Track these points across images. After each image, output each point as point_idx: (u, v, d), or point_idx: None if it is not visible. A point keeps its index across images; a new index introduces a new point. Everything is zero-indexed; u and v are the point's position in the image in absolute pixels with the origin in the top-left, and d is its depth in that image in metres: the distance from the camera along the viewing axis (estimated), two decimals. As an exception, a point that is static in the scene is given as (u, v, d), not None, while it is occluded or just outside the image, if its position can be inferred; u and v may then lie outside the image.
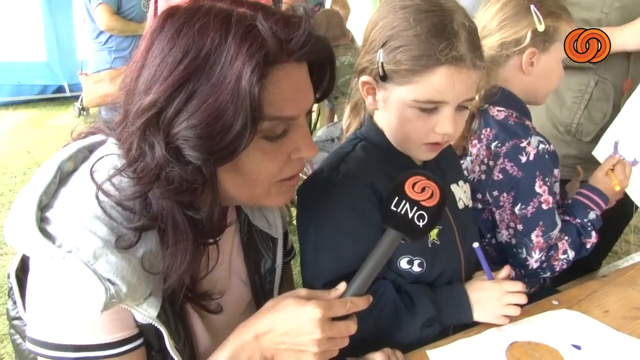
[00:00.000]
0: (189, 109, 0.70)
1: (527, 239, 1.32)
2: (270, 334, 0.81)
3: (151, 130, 0.72)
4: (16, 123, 5.82)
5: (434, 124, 1.00)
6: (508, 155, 1.32)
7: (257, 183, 0.82)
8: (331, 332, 0.80)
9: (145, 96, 0.72)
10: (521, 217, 1.32)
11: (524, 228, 1.33)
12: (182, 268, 0.78)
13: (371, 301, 0.87)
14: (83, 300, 0.75)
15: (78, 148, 0.85)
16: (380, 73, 1.00)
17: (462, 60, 0.95)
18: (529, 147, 1.30)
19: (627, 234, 3.63)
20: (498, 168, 1.33)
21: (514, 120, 1.36)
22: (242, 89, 0.69)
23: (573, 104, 1.83)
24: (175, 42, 0.71)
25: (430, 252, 1.08)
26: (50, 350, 0.77)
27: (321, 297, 0.83)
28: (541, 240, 1.32)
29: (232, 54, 0.69)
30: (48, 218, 0.74)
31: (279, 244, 1.03)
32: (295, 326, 0.79)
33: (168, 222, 0.77)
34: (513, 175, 1.31)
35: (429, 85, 0.96)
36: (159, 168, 0.73)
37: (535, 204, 1.30)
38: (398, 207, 0.82)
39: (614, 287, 1.28)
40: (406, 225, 0.82)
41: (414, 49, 0.95)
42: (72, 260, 0.72)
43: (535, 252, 1.33)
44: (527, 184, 1.30)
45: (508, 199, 1.33)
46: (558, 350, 1.03)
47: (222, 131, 0.70)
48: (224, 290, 0.94)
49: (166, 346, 0.81)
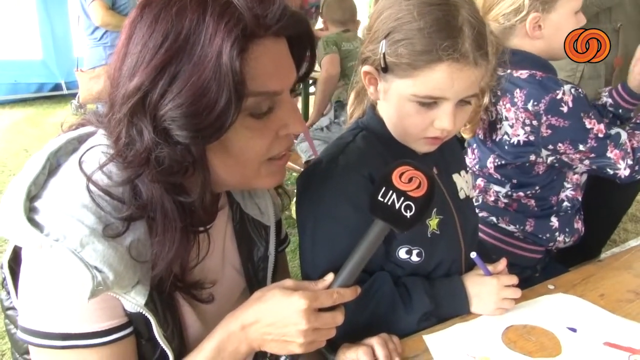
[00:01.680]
0: (173, 90, 0.70)
1: (605, 160, 1.41)
2: (256, 325, 0.81)
3: (138, 116, 0.72)
4: (13, 121, 5.82)
5: (433, 118, 0.98)
6: (549, 111, 1.36)
7: (247, 163, 0.81)
8: (317, 323, 0.80)
9: (129, 82, 0.72)
10: (589, 149, 1.39)
11: (595, 155, 1.40)
12: (170, 256, 0.78)
13: (359, 292, 0.86)
14: (70, 289, 0.75)
15: (67, 139, 0.85)
16: (382, 64, 0.99)
17: (465, 58, 0.92)
18: (564, 96, 1.35)
19: (625, 222, 3.65)
20: (544, 125, 1.38)
21: (541, 75, 1.40)
22: (224, 64, 0.69)
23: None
24: (154, 28, 0.72)
25: (430, 242, 1.07)
26: (39, 339, 0.78)
27: (308, 288, 0.83)
28: (617, 151, 1.39)
29: (211, 32, 0.70)
30: (37, 208, 0.75)
31: (271, 232, 1.03)
32: (281, 317, 0.80)
33: (157, 210, 0.77)
34: (560, 126, 1.37)
35: (428, 81, 0.95)
36: (148, 151, 0.73)
37: (592, 137, 1.38)
38: (385, 198, 0.81)
39: (610, 271, 1.28)
40: (393, 216, 0.81)
41: (416, 43, 0.94)
42: (59, 249, 0.72)
43: (619, 163, 1.40)
44: (577, 128, 1.37)
45: (567, 146, 1.40)
46: (554, 333, 1.03)
47: (207, 107, 0.70)
48: (217, 279, 0.94)
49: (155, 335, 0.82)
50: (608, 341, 1.01)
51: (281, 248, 1.10)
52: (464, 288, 1.09)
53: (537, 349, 0.99)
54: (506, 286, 1.09)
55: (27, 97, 6.56)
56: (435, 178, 0.82)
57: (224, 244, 0.98)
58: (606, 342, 1.01)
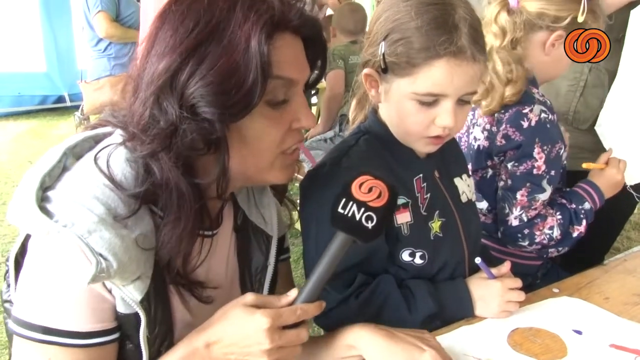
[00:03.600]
0: (202, 70, 0.75)
1: (512, 194, 1.37)
2: (219, 344, 0.79)
3: (165, 94, 0.76)
4: (17, 133, 5.83)
5: (434, 117, 1.00)
6: (510, 121, 1.36)
7: (262, 153, 0.84)
8: (281, 342, 0.78)
9: (158, 64, 0.76)
10: (511, 174, 1.37)
11: (512, 183, 1.38)
12: (184, 235, 0.80)
13: (323, 307, 0.84)
14: (69, 277, 0.76)
15: (84, 137, 0.89)
16: (381, 65, 1.00)
17: (462, 53, 0.94)
18: (530, 114, 1.34)
19: (628, 230, 3.64)
20: (500, 134, 1.38)
21: (528, 89, 1.39)
22: (252, 47, 0.75)
23: (568, 92, 1.85)
24: (186, 16, 0.77)
25: (433, 245, 1.08)
26: (22, 328, 0.78)
27: (270, 304, 0.80)
28: (525, 200, 1.36)
29: (241, 20, 0.76)
30: (49, 197, 0.78)
31: (273, 242, 1.02)
32: (243, 336, 0.77)
33: (173, 190, 0.80)
34: (514, 139, 1.36)
35: (428, 78, 0.96)
36: (174, 126, 0.77)
37: (527, 166, 1.35)
38: (345, 209, 0.78)
39: (614, 274, 1.29)
40: (354, 227, 0.79)
41: (414, 41, 0.96)
42: (66, 234, 0.74)
43: (516, 208, 1.37)
44: (526, 148, 1.35)
45: (509, 155, 1.39)
46: (559, 336, 1.04)
47: (235, 86, 0.75)
48: (220, 284, 0.95)
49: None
50: (614, 343, 1.01)
51: (283, 257, 1.10)
52: (468, 291, 1.10)
53: (543, 351, 0.99)
54: (510, 289, 1.09)
55: (31, 110, 6.55)
56: (396, 186, 0.80)
57: (229, 252, 0.99)
58: (612, 344, 1.01)
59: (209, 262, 0.93)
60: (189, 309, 0.90)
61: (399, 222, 1.04)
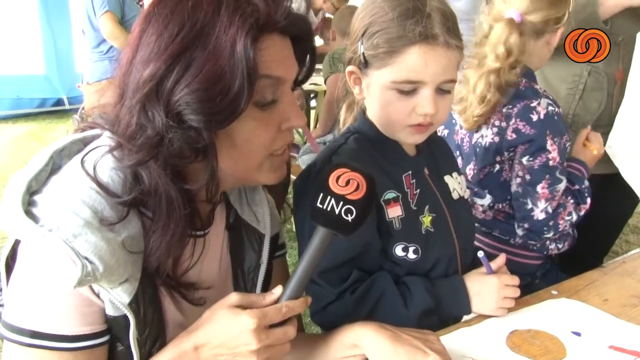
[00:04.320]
0: (188, 77, 0.73)
1: (533, 188, 1.41)
2: (207, 346, 0.79)
3: (151, 102, 0.74)
4: (16, 136, 5.84)
5: (414, 105, 1.02)
6: (519, 115, 1.40)
7: (251, 155, 0.83)
8: (268, 341, 0.78)
9: (143, 70, 0.75)
10: (529, 168, 1.41)
11: (531, 178, 1.42)
12: (172, 242, 0.79)
13: (309, 302, 0.84)
14: (55, 281, 0.76)
15: (72, 140, 0.88)
16: (362, 60, 1.05)
17: (435, 39, 0.98)
18: (539, 107, 1.38)
19: (627, 234, 3.64)
20: (511, 128, 1.41)
21: (524, 85, 1.44)
22: (238, 52, 0.73)
23: (568, 95, 1.86)
24: (170, 19, 0.75)
25: (425, 239, 1.09)
26: (11, 332, 0.78)
27: (255, 303, 0.80)
28: (547, 192, 1.40)
29: (226, 23, 0.74)
30: (35, 201, 0.77)
31: (265, 240, 1.02)
32: (230, 338, 0.77)
33: (162, 196, 0.79)
34: (525, 132, 1.39)
35: (404, 65, 1.00)
36: (160, 135, 0.75)
37: (543, 159, 1.39)
38: (324, 204, 0.78)
39: (613, 276, 1.29)
40: (334, 221, 0.79)
41: (389, 31, 1.01)
42: (51, 239, 0.73)
43: (541, 201, 1.41)
44: (537, 141, 1.39)
45: (521, 149, 1.42)
46: (558, 337, 1.03)
47: (221, 92, 0.73)
48: (212, 284, 0.95)
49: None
50: (613, 345, 1.01)
51: (278, 254, 1.10)
52: (465, 286, 1.10)
53: (542, 352, 0.99)
54: (507, 285, 1.10)
55: (30, 112, 6.56)
56: (373, 177, 0.80)
57: (222, 251, 0.99)
58: (611, 346, 1.01)
59: (202, 262, 0.93)
60: (180, 309, 0.90)
61: (390, 217, 1.05)
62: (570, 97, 1.85)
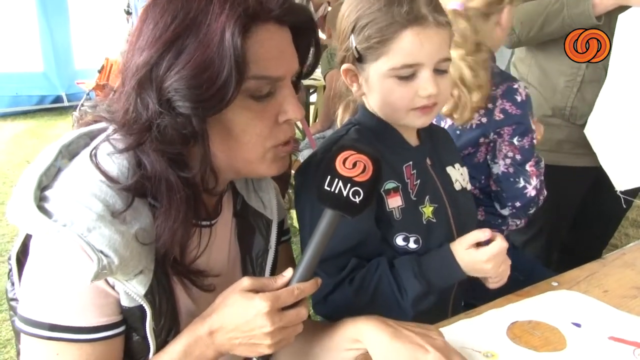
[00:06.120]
0: (179, 63, 0.75)
1: (523, 167, 1.46)
2: (222, 331, 0.81)
3: (145, 88, 0.76)
4: (15, 133, 5.83)
5: (416, 89, 1.03)
6: (505, 96, 1.44)
7: (249, 146, 0.84)
8: (282, 323, 0.80)
9: (139, 57, 0.77)
10: (520, 148, 1.45)
11: (522, 158, 1.46)
12: (175, 227, 0.81)
13: (319, 283, 0.85)
14: (71, 275, 0.77)
15: (79, 134, 0.88)
16: (355, 55, 1.05)
17: (424, 19, 1.00)
18: (520, 88, 1.44)
19: (626, 227, 3.65)
20: (498, 109, 1.44)
21: (498, 68, 1.49)
22: (226, 40, 0.74)
23: (566, 88, 1.86)
24: (166, 9, 0.77)
25: (426, 229, 1.09)
26: (29, 327, 0.79)
27: (267, 287, 0.82)
28: (535, 170, 1.46)
29: (217, 12, 0.75)
30: (47, 196, 0.78)
31: (273, 225, 1.03)
32: (244, 321, 0.79)
33: (162, 182, 0.80)
34: (512, 113, 1.43)
35: (399, 50, 1.01)
36: (150, 121, 0.77)
37: (529, 138, 1.45)
38: (331, 187, 0.79)
39: (613, 268, 1.29)
40: (342, 203, 0.80)
41: (378, 21, 1.01)
42: (66, 234, 0.74)
43: (532, 179, 1.46)
44: (523, 121, 1.44)
45: (508, 131, 1.45)
46: (558, 328, 1.03)
47: (209, 80, 0.74)
48: (222, 272, 0.96)
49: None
50: (613, 335, 1.01)
51: (283, 239, 1.11)
52: (451, 253, 1.06)
53: (542, 343, 0.99)
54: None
55: (29, 110, 6.56)
56: (380, 158, 0.81)
57: (230, 239, 1.00)
58: (611, 337, 1.01)
59: (210, 250, 0.94)
60: (192, 298, 0.91)
61: (390, 207, 1.05)
62: (569, 89, 1.85)
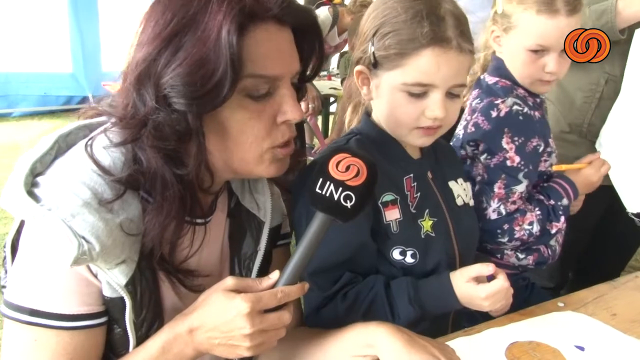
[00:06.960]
0: (176, 60, 0.76)
1: (490, 187, 1.35)
2: (201, 329, 0.80)
3: (143, 83, 0.77)
4: (41, 132, 5.93)
5: (424, 108, 1.01)
6: (482, 110, 1.37)
7: (246, 146, 0.84)
8: (262, 325, 0.78)
9: (139, 53, 0.78)
10: (486, 167, 1.36)
11: (488, 177, 1.35)
12: (166, 223, 0.81)
13: (306, 289, 0.83)
14: (53, 262, 0.78)
15: (79, 125, 0.90)
16: (372, 60, 1.04)
17: (448, 43, 0.97)
18: (502, 105, 1.34)
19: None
20: (472, 122, 1.38)
21: (502, 84, 1.41)
22: (222, 38, 0.74)
23: (584, 104, 1.81)
24: (167, 7, 0.78)
25: (424, 244, 1.06)
26: (11, 310, 0.80)
27: (251, 288, 0.80)
28: (502, 192, 1.33)
29: (215, 10, 0.75)
30: (38, 182, 0.79)
31: (265, 228, 1.02)
32: (224, 321, 0.78)
33: (157, 178, 0.81)
34: (482, 128, 1.35)
35: (416, 67, 0.99)
36: (146, 116, 0.78)
37: (500, 158, 1.33)
38: (323, 189, 0.77)
39: (624, 291, 1.24)
40: (333, 207, 0.77)
41: (401, 33, 0.99)
42: (50, 217, 0.75)
43: (494, 201, 1.34)
44: (494, 137, 1.33)
45: (482, 147, 1.37)
46: (560, 351, 0.99)
47: (204, 77, 0.75)
48: (212, 272, 0.95)
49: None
50: (617, 361, 0.97)
51: (281, 242, 1.09)
52: (451, 284, 1.02)
53: (542, 366, 0.95)
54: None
55: (56, 109, 6.68)
56: (375, 163, 0.79)
57: (223, 239, 0.99)
58: (615, 362, 0.97)
59: (202, 250, 0.93)
60: (179, 295, 0.91)
61: (387, 219, 1.03)
62: (587, 105, 1.80)
